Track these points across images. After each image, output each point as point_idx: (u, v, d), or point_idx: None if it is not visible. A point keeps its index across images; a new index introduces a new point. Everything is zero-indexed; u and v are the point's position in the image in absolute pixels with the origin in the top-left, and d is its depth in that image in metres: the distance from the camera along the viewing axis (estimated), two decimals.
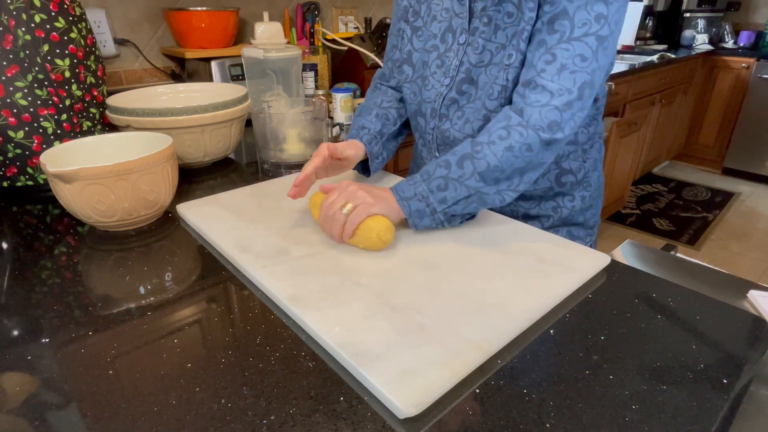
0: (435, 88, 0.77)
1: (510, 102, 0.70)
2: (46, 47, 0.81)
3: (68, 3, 0.85)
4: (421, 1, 0.79)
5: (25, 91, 0.78)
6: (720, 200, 3.08)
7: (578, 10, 0.60)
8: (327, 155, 0.73)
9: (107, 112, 0.90)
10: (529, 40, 0.66)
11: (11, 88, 0.77)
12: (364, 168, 0.85)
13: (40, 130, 0.80)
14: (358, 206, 0.62)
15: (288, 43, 1.29)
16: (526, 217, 0.83)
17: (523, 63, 0.67)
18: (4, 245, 0.69)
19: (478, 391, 0.42)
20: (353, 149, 0.78)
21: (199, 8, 1.42)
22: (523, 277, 0.56)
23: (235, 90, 1.05)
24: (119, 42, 1.44)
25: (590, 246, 0.86)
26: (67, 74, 0.84)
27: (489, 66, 0.71)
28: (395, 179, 0.86)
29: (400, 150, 1.49)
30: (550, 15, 0.62)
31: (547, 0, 0.63)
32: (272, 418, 0.39)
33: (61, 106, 0.83)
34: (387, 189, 0.67)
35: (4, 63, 0.76)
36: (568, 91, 0.62)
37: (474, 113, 0.74)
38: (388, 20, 1.71)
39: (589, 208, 0.84)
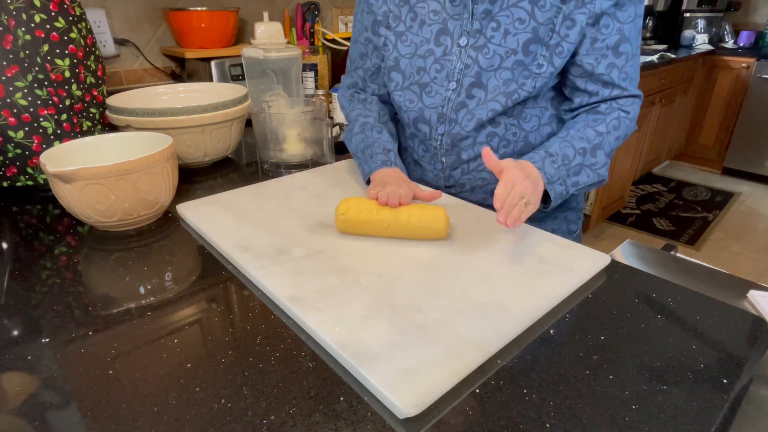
0: (440, 93, 0.77)
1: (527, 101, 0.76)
2: (46, 47, 0.81)
3: (68, 3, 0.85)
4: (400, 4, 0.79)
5: (25, 91, 0.78)
6: (720, 200, 3.08)
7: (632, 29, 0.71)
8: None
9: (107, 112, 0.90)
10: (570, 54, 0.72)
11: (11, 88, 0.77)
12: None
13: (40, 130, 0.80)
14: (532, 204, 0.62)
15: (288, 43, 1.29)
16: None
17: (552, 74, 0.72)
18: (4, 245, 0.69)
19: (478, 391, 0.42)
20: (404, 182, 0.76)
21: (199, 8, 1.42)
22: (523, 277, 0.56)
23: (235, 90, 1.05)
24: (119, 42, 1.44)
25: (578, 227, 0.92)
26: (67, 74, 0.84)
27: (499, 70, 0.73)
28: None
29: None
30: (614, 39, 0.71)
31: (600, 25, 0.70)
32: (272, 418, 0.39)
33: (61, 106, 0.83)
34: (533, 167, 0.67)
35: (4, 63, 0.76)
36: (640, 92, 0.77)
37: (484, 113, 0.75)
38: None
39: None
